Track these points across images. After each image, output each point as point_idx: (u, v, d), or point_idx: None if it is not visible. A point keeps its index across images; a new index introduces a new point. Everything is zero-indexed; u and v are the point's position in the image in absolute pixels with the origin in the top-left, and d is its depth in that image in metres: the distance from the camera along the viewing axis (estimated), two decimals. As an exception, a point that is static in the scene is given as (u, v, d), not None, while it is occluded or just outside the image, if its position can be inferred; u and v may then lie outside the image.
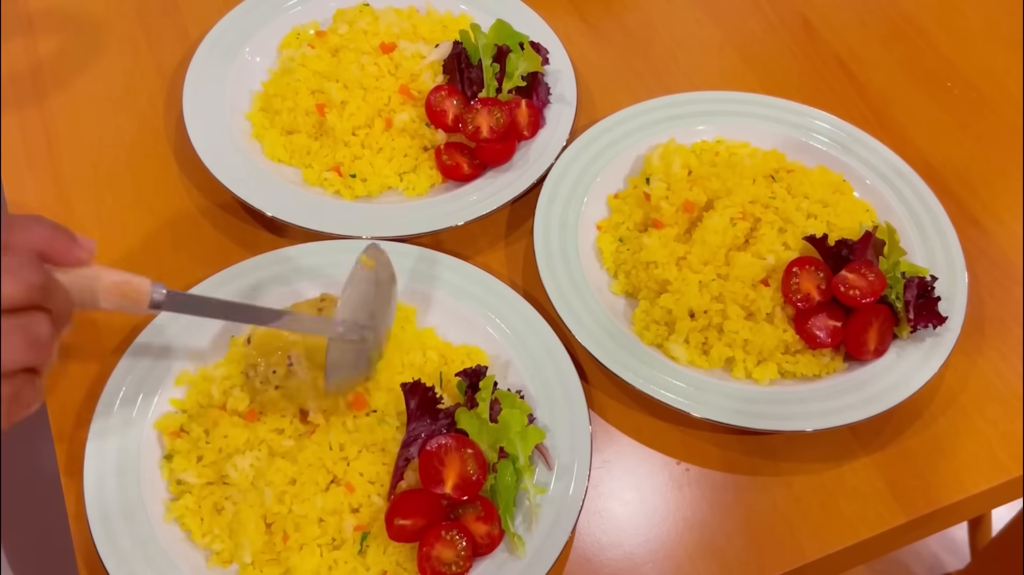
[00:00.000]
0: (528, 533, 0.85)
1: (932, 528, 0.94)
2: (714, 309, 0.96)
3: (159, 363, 0.93)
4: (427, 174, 1.11)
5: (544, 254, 1.01)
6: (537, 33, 1.20)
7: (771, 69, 1.26)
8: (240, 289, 0.98)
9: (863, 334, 0.95)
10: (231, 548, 0.85)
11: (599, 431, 0.95)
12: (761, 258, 0.98)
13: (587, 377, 0.97)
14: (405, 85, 1.13)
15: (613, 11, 1.31)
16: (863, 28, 1.31)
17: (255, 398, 0.90)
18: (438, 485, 0.84)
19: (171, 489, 0.88)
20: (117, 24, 1.27)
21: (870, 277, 0.95)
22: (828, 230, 1.00)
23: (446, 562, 0.82)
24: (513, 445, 0.86)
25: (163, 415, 0.91)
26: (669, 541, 0.89)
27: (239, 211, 1.09)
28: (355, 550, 0.84)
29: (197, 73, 1.15)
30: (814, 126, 1.13)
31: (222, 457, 0.88)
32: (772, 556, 0.88)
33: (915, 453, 0.94)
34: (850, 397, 0.93)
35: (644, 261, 1.00)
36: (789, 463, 0.93)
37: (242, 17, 1.22)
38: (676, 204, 1.02)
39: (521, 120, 1.11)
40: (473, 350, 0.96)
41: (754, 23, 1.31)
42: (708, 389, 0.93)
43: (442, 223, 1.04)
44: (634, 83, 1.23)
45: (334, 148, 1.10)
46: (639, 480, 0.93)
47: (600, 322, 0.96)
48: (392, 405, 0.91)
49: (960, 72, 1.26)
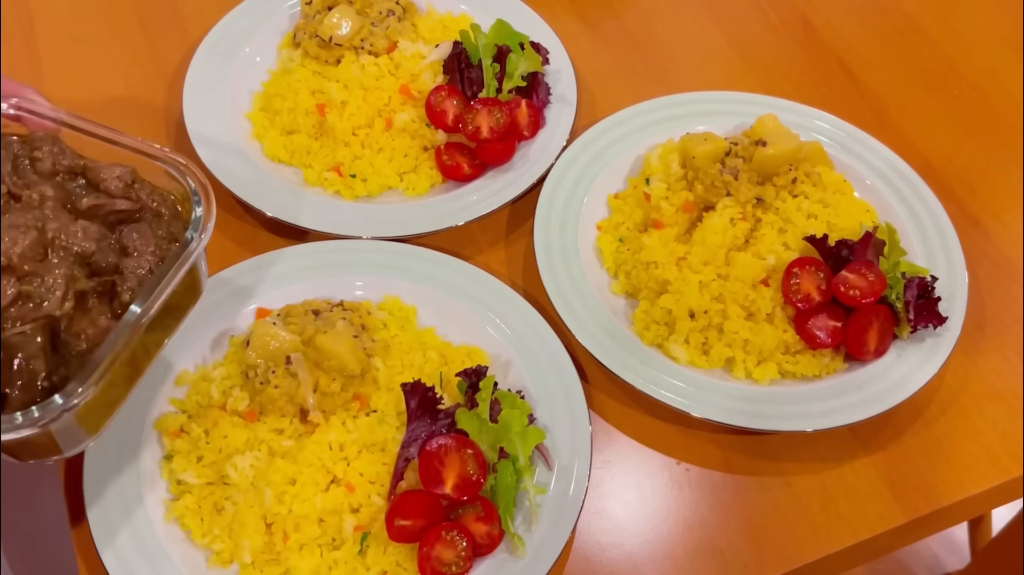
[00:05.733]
0: (528, 533, 0.85)
1: (932, 528, 0.94)
2: (714, 309, 0.96)
3: (159, 363, 0.93)
4: (427, 174, 1.11)
5: (544, 254, 1.01)
6: (537, 33, 1.20)
7: (771, 69, 1.26)
8: (240, 289, 0.98)
9: (863, 334, 0.95)
10: (231, 548, 0.85)
11: (599, 431, 0.95)
12: (761, 258, 0.98)
13: (587, 377, 0.97)
14: (405, 85, 1.13)
15: (613, 11, 1.31)
16: (863, 28, 1.31)
17: (255, 398, 0.90)
18: (438, 485, 0.84)
19: (171, 489, 0.88)
20: (117, 24, 1.27)
21: (870, 277, 0.95)
22: (828, 230, 1.00)
23: (446, 562, 0.82)
24: (513, 445, 0.86)
25: (163, 415, 0.91)
26: (669, 541, 0.89)
27: (239, 211, 1.09)
28: (355, 550, 0.84)
29: (197, 73, 1.15)
30: (814, 126, 1.13)
31: (222, 457, 0.88)
32: (772, 556, 0.88)
33: (915, 453, 0.94)
34: (850, 397, 0.93)
35: (644, 261, 1.00)
36: (789, 463, 0.93)
37: (242, 17, 1.22)
38: (676, 204, 1.02)
39: (521, 120, 1.11)
40: (473, 350, 0.96)
41: (754, 23, 1.31)
42: (708, 389, 0.93)
43: (442, 223, 1.04)
44: (634, 83, 1.23)
45: (334, 148, 1.10)
46: (639, 480, 0.93)
47: (600, 322, 0.96)
48: (392, 405, 0.91)
49: (960, 72, 1.26)
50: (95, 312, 0.73)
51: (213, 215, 0.77)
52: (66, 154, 0.78)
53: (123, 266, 0.75)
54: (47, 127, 0.79)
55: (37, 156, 0.77)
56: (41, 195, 0.75)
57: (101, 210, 0.77)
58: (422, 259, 1.01)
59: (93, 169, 0.78)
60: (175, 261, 0.74)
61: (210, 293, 0.97)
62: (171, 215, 0.80)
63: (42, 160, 0.77)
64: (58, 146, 0.78)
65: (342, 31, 1.13)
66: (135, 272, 0.75)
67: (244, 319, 0.97)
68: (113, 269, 0.75)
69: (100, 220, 0.77)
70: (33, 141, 0.78)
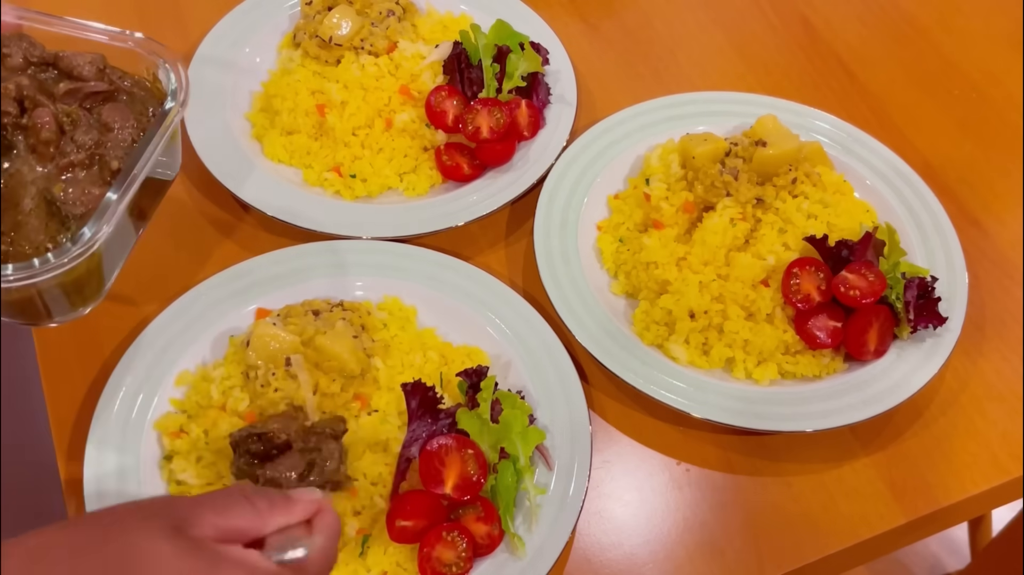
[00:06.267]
0: (528, 533, 0.85)
1: (932, 528, 0.94)
2: (714, 309, 0.96)
3: (159, 363, 0.93)
4: (427, 174, 1.11)
5: (544, 254, 1.01)
6: (537, 33, 1.20)
7: (771, 69, 1.26)
8: (240, 289, 0.98)
9: (863, 335, 0.95)
10: (231, 548, 0.85)
11: (599, 431, 0.95)
12: (761, 259, 0.98)
13: (587, 377, 0.97)
14: (405, 85, 1.13)
15: (613, 11, 1.31)
16: (863, 28, 1.31)
17: (255, 400, 0.89)
18: (439, 485, 0.84)
19: (171, 489, 0.88)
20: (117, 24, 1.26)
21: (870, 278, 0.95)
22: (828, 231, 1.00)
23: (446, 563, 0.82)
24: (514, 445, 0.86)
25: (163, 415, 0.91)
26: (669, 541, 0.89)
27: (239, 211, 1.09)
28: (356, 552, 0.84)
29: (197, 73, 1.15)
30: (814, 126, 1.13)
31: (221, 458, 0.88)
32: (772, 556, 0.88)
33: (915, 453, 0.94)
34: (850, 397, 0.93)
35: (644, 261, 1.00)
36: (789, 463, 0.93)
37: (242, 17, 1.21)
38: (676, 204, 1.02)
39: (521, 120, 1.11)
40: (473, 350, 0.96)
41: (754, 23, 1.31)
42: (708, 389, 0.93)
43: (442, 223, 1.04)
44: (634, 83, 1.23)
45: (334, 148, 1.10)
46: (639, 480, 0.93)
47: (600, 322, 0.96)
48: (393, 405, 0.91)
49: (960, 72, 1.26)
50: (85, 182, 0.76)
51: (187, 85, 0.81)
52: (36, 47, 0.81)
53: (106, 140, 0.78)
54: (11, 25, 0.82)
55: (6, 53, 0.80)
56: (17, 85, 0.77)
57: (78, 93, 0.80)
58: (422, 259, 1.01)
59: (64, 58, 0.81)
60: (160, 123, 0.78)
61: (210, 293, 0.97)
62: (145, 94, 0.83)
63: (12, 56, 0.80)
64: (26, 40, 0.81)
65: (342, 31, 1.13)
66: (119, 144, 0.79)
67: (244, 319, 0.97)
68: (96, 144, 0.78)
69: (78, 104, 0.79)
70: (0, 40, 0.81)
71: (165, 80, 0.82)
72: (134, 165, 0.76)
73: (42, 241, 0.74)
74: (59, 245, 0.74)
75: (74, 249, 0.72)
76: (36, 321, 0.80)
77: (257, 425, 0.84)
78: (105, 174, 0.77)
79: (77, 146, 0.77)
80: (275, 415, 0.87)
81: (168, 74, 0.81)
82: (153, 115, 0.81)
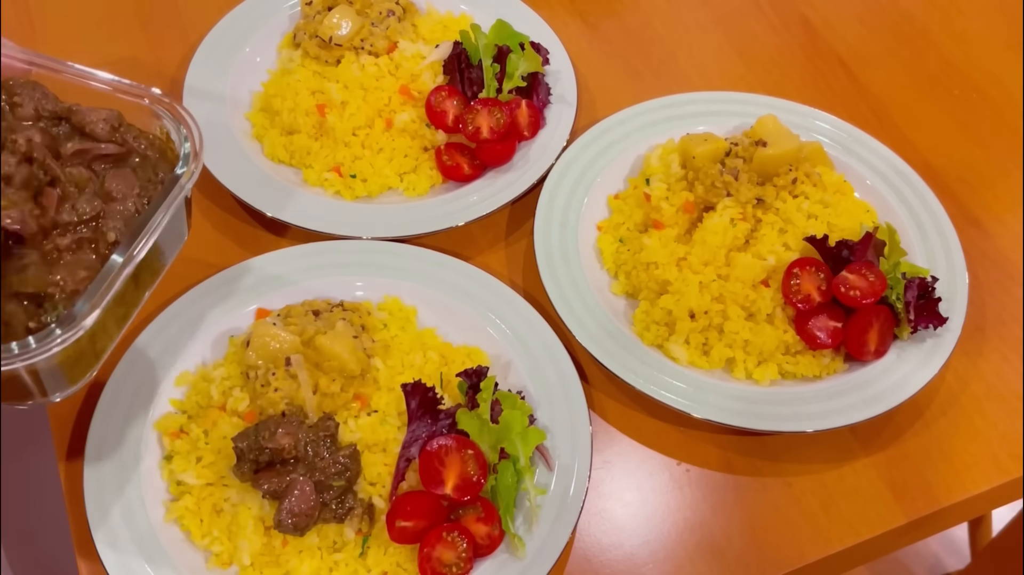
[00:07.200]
0: (528, 534, 0.85)
1: (932, 529, 0.94)
2: (714, 310, 0.96)
3: (159, 363, 0.93)
4: (427, 174, 1.11)
5: (544, 254, 1.01)
6: (537, 33, 1.20)
7: (771, 69, 1.26)
8: (240, 289, 0.98)
9: (863, 335, 0.95)
10: (230, 550, 0.85)
11: (599, 432, 0.95)
12: (761, 259, 0.98)
13: (587, 377, 0.97)
14: (405, 85, 1.13)
15: (613, 11, 1.31)
16: (863, 28, 1.31)
17: (255, 400, 0.89)
18: (439, 486, 0.84)
19: (171, 490, 0.88)
20: (117, 24, 1.27)
21: (870, 278, 0.95)
22: (829, 231, 1.00)
23: (447, 563, 0.82)
24: (514, 446, 0.86)
25: (163, 415, 0.91)
26: (669, 542, 0.89)
27: (239, 211, 1.09)
28: (356, 552, 0.84)
29: (197, 73, 1.15)
30: (814, 126, 1.13)
31: (221, 458, 0.88)
32: (772, 556, 0.88)
33: (915, 453, 0.94)
34: (850, 398, 0.93)
35: (644, 262, 1.00)
36: (789, 463, 0.93)
37: (242, 17, 1.21)
38: (676, 204, 1.02)
39: (521, 120, 1.11)
40: (473, 351, 0.96)
41: (754, 23, 1.31)
42: (708, 390, 0.93)
43: (442, 223, 1.04)
44: (634, 83, 1.23)
45: (334, 148, 1.10)
46: (639, 481, 0.93)
47: (600, 322, 0.96)
48: (393, 405, 0.91)
49: (960, 72, 1.26)
50: (82, 254, 0.71)
51: (201, 150, 0.74)
52: (49, 98, 0.76)
53: (107, 210, 0.73)
54: (18, 69, 0.76)
55: (17, 102, 0.75)
56: (28, 140, 0.72)
57: (87, 155, 0.75)
58: (422, 259, 1.01)
59: (78, 112, 0.76)
60: (166, 195, 0.72)
61: (210, 293, 0.97)
62: (158, 156, 0.78)
63: (23, 106, 0.75)
64: (40, 91, 0.76)
65: (342, 31, 1.13)
66: (120, 213, 0.73)
67: (244, 319, 0.97)
68: (97, 214, 0.72)
69: (86, 165, 0.74)
70: (11, 87, 0.75)
71: (178, 140, 0.76)
72: (132, 241, 0.70)
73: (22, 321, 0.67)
74: (43, 326, 0.67)
75: (57, 334, 0.65)
76: (23, 400, 0.72)
77: (264, 433, 0.84)
78: (102, 247, 0.71)
79: (77, 215, 0.71)
80: (276, 418, 0.86)
81: (182, 134, 0.75)
82: (162, 181, 0.75)
